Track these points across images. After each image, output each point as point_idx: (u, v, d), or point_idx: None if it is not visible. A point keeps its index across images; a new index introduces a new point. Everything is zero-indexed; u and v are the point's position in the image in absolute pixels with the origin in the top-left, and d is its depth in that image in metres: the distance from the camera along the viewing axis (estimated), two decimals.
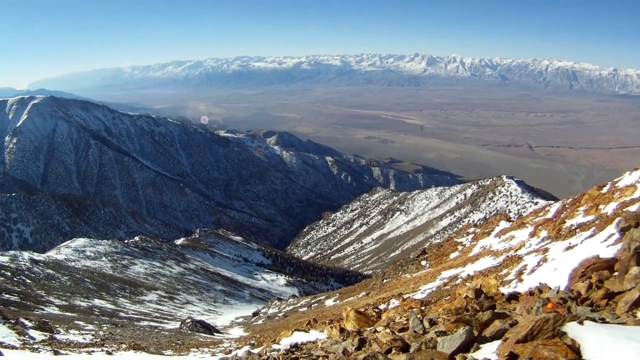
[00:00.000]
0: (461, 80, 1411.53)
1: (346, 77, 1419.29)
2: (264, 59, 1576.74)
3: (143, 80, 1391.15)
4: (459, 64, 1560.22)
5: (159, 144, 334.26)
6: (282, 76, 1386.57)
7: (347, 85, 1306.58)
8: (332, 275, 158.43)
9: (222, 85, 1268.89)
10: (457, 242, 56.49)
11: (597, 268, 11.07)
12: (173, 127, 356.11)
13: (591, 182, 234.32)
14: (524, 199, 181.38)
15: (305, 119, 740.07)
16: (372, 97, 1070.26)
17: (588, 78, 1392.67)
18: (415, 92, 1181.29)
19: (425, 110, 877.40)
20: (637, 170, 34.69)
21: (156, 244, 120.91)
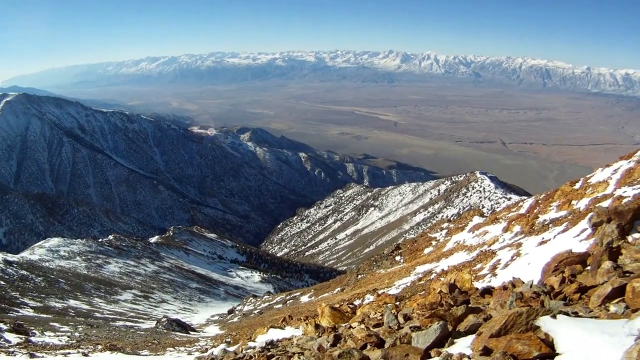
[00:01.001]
0: (435, 77, 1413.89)
1: (320, 74, 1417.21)
2: (238, 55, 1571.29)
3: (117, 77, 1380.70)
4: (433, 61, 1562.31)
5: (133, 141, 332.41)
6: (256, 72, 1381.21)
7: (321, 81, 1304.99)
8: (306, 271, 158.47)
9: (196, 81, 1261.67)
10: (431, 237, 56.62)
11: (569, 262, 11.16)
12: (147, 124, 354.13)
13: (564, 178, 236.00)
14: (497, 194, 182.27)
15: (279, 115, 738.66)
16: (346, 93, 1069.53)
17: (561, 76, 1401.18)
18: (389, 88, 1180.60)
19: (399, 107, 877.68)
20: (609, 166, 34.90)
21: (130, 242, 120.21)
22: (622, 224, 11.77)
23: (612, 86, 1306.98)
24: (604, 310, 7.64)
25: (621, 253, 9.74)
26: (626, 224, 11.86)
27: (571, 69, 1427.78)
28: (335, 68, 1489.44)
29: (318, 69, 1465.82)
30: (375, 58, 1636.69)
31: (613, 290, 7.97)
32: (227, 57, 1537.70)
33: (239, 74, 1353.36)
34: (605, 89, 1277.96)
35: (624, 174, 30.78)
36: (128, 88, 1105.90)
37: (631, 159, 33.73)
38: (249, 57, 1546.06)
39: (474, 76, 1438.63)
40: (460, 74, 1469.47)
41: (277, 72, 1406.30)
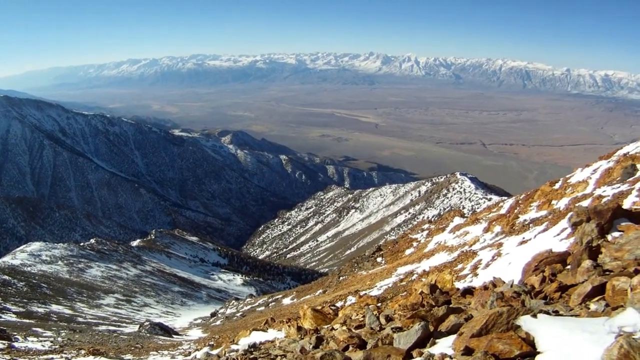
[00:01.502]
0: (416, 79, 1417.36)
1: (301, 76, 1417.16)
2: (220, 57, 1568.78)
3: (98, 79, 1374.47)
4: (414, 63, 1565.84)
5: (114, 144, 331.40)
6: (237, 75, 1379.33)
7: (302, 83, 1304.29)
8: (288, 273, 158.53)
9: (177, 83, 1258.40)
10: (412, 238, 56.73)
11: (550, 262, 11.20)
12: (127, 127, 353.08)
13: (544, 178, 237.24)
14: (478, 195, 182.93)
15: (260, 117, 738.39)
16: (326, 95, 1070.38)
17: (541, 78, 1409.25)
18: (370, 90, 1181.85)
19: (379, 109, 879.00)
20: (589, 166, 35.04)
21: (112, 246, 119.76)
22: (601, 223, 11.82)
23: (592, 87, 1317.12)
24: (585, 309, 7.67)
25: (601, 252, 9.79)
26: (605, 223, 11.91)
27: (551, 70, 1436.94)
28: (316, 70, 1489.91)
29: (299, 71, 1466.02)
30: (356, 60, 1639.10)
31: (593, 288, 8.01)
32: (208, 59, 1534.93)
33: (220, 76, 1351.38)
34: (585, 90, 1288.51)
35: (603, 174, 30.92)
36: (109, 90, 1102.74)
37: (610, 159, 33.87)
38: (230, 59, 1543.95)
39: (454, 78, 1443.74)
40: (440, 75, 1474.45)
41: (258, 75, 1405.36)
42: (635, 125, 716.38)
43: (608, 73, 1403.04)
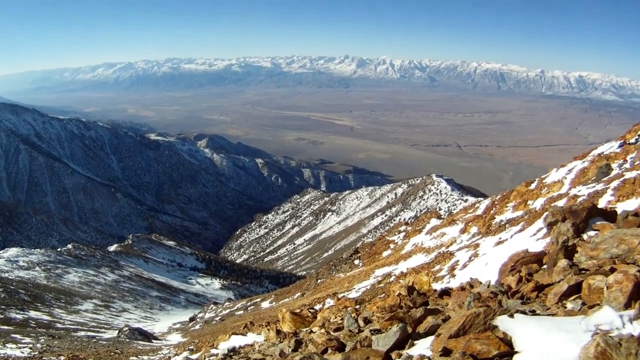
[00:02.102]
0: (391, 82, 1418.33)
1: (276, 79, 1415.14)
2: (195, 60, 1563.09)
3: (74, 83, 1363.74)
4: (389, 65, 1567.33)
5: (90, 149, 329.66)
6: (212, 78, 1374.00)
7: (277, 87, 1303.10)
8: (266, 277, 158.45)
9: (152, 87, 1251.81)
10: (389, 240, 56.81)
11: (526, 262, 11.26)
12: (103, 131, 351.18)
13: (519, 179, 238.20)
14: (454, 196, 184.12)
15: (236, 121, 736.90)
16: (302, 98, 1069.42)
17: (516, 79, 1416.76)
18: (345, 93, 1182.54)
19: (355, 112, 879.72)
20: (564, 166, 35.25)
21: (89, 251, 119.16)
22: (577, 223, 11.90)
23: (566, 88, 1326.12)
24: (561, 308, 7.72)
25: (576, 251, 9.84)
26: (581, 223, 11.98)
27: (525, 72, 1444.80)
28: (292, 74, 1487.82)
29: (274, 75, 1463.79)
30: (331, 63, 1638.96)
31: (569, 287, 8.05)
32: (184, 63, 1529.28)
33: (195, 80, 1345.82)
34: (559, 91, 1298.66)
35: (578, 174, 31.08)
36: (85, 94, 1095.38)
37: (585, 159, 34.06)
38: (206, 63, 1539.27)
39: (429, 80, 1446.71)
40: (415, 78, 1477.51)
41: (233, 78, 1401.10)
42: (609, 126, 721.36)
43: (582, 74, 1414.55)
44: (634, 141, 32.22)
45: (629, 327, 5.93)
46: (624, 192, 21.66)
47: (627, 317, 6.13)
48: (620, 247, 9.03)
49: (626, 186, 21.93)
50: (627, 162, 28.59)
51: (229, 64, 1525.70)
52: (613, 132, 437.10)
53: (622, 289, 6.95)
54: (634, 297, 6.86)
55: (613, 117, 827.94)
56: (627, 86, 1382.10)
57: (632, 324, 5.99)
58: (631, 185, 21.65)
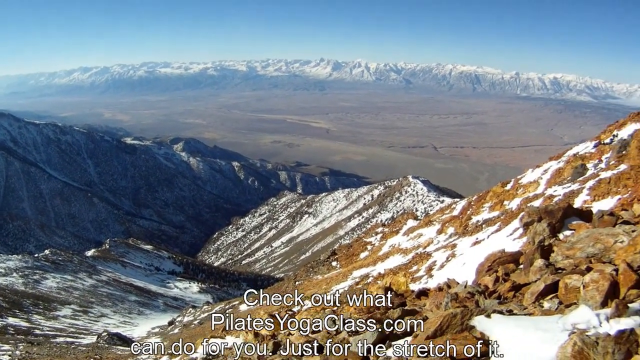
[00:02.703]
0: (366, 85, 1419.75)
1: (252, 82, 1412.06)
2: (170, 64, 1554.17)
3: (49, 87, 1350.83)
4: (364, 68, 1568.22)
5: (66, 153, 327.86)
6: (188, 82, 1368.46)
7: (253, 90, 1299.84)
8: (244, 280, 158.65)
9: (128, 91, 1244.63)
10: (366, 242, 57.04)
11: (503, 262, 11.30)
12: (79, 136, 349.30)
13: (495, 179, 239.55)
14: (430, 197, 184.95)
15: (212, 124, 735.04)
16: (278, 101, 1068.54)
17: (491, 81, 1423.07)
18: (320, 96, 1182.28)
19: (330, 114, 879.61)
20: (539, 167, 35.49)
21: (67, 256, 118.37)
22: (552, 223, 11.95)
23: (541, 90, 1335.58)
24: (538, 307, 7.75)
25: (553, 251, 9.89)
26: (557, 223, 12.04)
27: (500, 74, 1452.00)
28: (267, 77, 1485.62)
29: (250, 78, 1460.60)
30: (307, 66, 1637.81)
31: (546, 287, 8.08)
32: (159, 67, 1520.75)
33: (171, 83, 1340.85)
34: (534, 93, 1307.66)
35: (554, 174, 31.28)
36: (61, 99, 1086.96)
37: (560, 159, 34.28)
38: (181, 66, 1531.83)
39: (404, 83, 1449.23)
40: (391, 81, 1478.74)
41: (209, 82, 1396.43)
42: (584, 126, 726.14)
43: (557, 76, 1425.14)
44: (609, 141, 32.44)
45: (606, 325, 5.95)
46: (599, 192, 21.78)
47: (603, 315, 6.15)
48: (596, 246, 9.08)
49: (602, 186, 22.05)
50: (602, 162, 28.78)
51: (205, 67, 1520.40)
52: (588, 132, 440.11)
53: (598, 287, 6.99)
54: (611, 295, 6.90)
55: (588, 117, 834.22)
56: (602, 87, 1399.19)
57: (609, 322, 6.01)
58: (606, 184, 21.76)
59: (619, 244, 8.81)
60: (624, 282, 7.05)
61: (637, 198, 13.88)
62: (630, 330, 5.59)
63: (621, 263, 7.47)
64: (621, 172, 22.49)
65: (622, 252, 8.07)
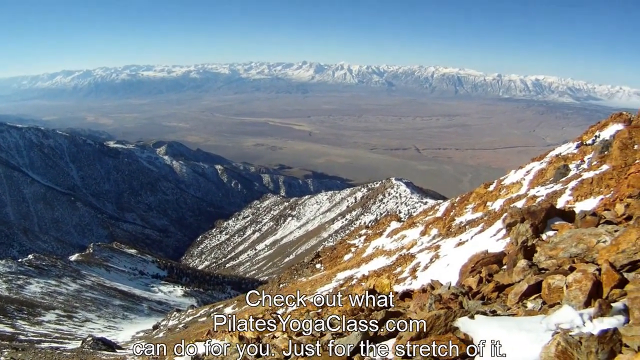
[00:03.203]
0: (349, 87, 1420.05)
1: (235, 86, 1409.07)
2: (153, 67, 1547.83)
3: (32, 91, 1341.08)
4: (347, 71, 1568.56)
5: (49, 157, 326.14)
6: (171, 85, 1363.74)
7: (235, 93, 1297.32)
8: (228, 283, 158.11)
9: (111, 95, 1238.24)
10: (350, 244, 57.11)
11: (486, 262, 11.34)
12: (62, 139, 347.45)
13: (478, 181, 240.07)
14: (414, 199, 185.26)
15: (195, 128, 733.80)
16: (260, 104, 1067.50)
17: (473, 83, 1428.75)
18: (303, 99, 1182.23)
19: (313, 117, 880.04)
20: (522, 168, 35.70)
21: (50, 261, 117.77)
22: (535, 223, 12.01)
23: (523, 92, 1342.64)
24: (522, 308, 7.79)
25: (536, 251, 9.93)
26: (539, 223, 12.09)
27: (482, 76, 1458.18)
28: (250, 80, 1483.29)
29: (232, 81, 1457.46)
30: (289, 69, 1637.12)
31: (529, 287, 8.12)
32: (142, 70, 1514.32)
33: (154, 87, 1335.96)
34: (516, 94, 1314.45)
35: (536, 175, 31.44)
36: (43, 103, 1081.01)
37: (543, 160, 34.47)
38: (164, 69, 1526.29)
39: (387, 85, 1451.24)
40: (373, 83, 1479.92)
41: (191, 85, 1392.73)
42: (567, 127, 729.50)
43: (539, 78, 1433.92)
44: (591, 142, 32.63)
45: (589, 325, 5.99)
46: (582, 192, 21.88)
47: (587, 315, 6.18)
48: (579, 246, 9.12)
49: (584, 186, 22.15)
50: (585, 162, 28.95)
51: (187, 70, 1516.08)
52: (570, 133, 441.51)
53: (581, 287, 7.02)
54: (594, 295, 6.93)
55: (570, 119, 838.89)
56: (583, 89, 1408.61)
57: (592, 322, 6.05)
58: (589, 185, 21.86)
59: (602, 243, 8.85)
60: (606, 282, 7.09)
61: (619, 198, 13.95)
62: (614, 330, 5.62)
63: (604, 263, 7.51)
64: (603, 172, 22.61)
65: (605, 252, 8.11)
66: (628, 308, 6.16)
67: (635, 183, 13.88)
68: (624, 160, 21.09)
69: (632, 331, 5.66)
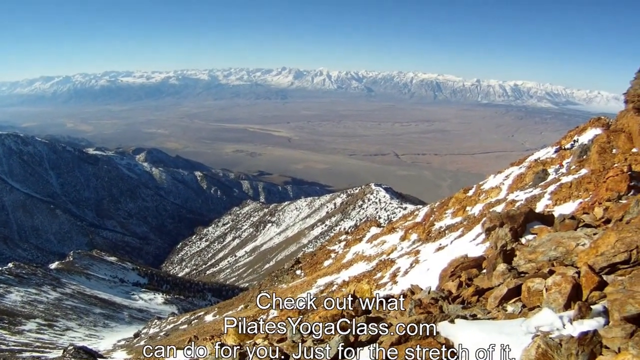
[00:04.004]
0: (328, 93, 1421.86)
1: (214, 92, 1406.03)
2: (132, 73, 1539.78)
3: (11, 97, 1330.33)
4: (326, 77, 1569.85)
5: (28, 164, 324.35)
6: (150, 91, 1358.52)
7: (215, 99, 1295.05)
8: (209, 290, 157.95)
9: (90, 101, 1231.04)
10: (330, 250, 57.11)
11: (466, 267, 11.38)
12: (42, 146, 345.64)
13: (457, 186, 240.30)
14: (393, 205, 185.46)
15: (174, 134, 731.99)
16: (239, 110, 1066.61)
17: (452, 89, 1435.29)
18: (282, 105, 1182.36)
19: (292, 123, 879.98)
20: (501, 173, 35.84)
21: (30, 269, 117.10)
22: (514, 227, 12.06)
23: (502, 97, 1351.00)
24: (502, 311, 7.82)
25: (515, 255, 9.98)
26: (518, 227, 12.15)
27: (461, 81, 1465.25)
28: (229, 86, 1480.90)
29: (212, 87, 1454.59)
30: (268, 75, 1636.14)
31: (509, 291, 8.15)
32: (121, 76, 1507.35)
33: (133, 93, 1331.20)
34: (495, 99, 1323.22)
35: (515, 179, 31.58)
36: (22, 109, 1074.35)
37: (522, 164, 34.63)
38: (143, 76, 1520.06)
39: (366, 91, 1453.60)
40: (352, 89, 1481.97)
41: (171, 91, 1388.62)
42: (545, 132, 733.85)
43: (517, 83, 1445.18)
44: (570, 146, 32.80)
45: (569, 327, 6.02)
46: (561, 196, 22.00)
47: (566, 317, 6.22)
48: (558, 249, 9.17)
49: (563, 190, 22.27)
50: (564, 166, 29.11)
51: (167, 76, 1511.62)
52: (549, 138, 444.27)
53: (561, 290, 7.06)
54: (573, 298, 6.96)
55: (548, 123, 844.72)
56: (562, 94, 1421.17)
57: (572, 324, 6.08)
58: (568, 189, 21.98)
59: (581, 246, 8.90)
60: (586, 285, 7.12)
61: (598, 201, 14.05)
62: (594, 332, 5.66)
63: (583, 266, 7.55)
64: (582, 176, 22.75)
65: (584, 255, 8.15)
66: (608, 310, 6.21)
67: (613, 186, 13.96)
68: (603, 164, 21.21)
69: (612, 332, 5.70)
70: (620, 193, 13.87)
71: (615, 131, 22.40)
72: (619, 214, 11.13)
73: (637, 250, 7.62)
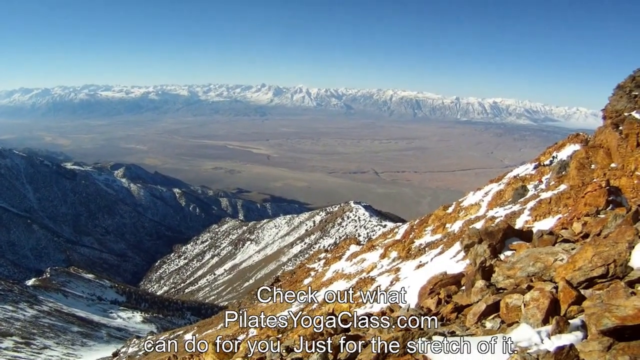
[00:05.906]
0: (307, 110, 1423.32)
1: (193, 108, 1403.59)
2: (112, 88, 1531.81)
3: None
4: (305, 94, 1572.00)
5: (5, 178, 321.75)
6: (129, 106, 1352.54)
7: (194, 115, 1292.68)
8: (188, 308, 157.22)
9: (69, 114, 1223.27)
10: (309, 268, 57.08)
11: (445, 284, 11.41)
12: (19, 160, 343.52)
13: (437, 203, 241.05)
14: (373, 222, 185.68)
15: (153, 150, 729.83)
16: (219, 127, 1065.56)
17: (431, 106, 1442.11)
18: (261, 122, 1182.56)
19: (271, 140, 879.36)
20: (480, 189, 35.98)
21: (7, 285, 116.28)
22: (493, 244, 12.12)
23: (481, 114, 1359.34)
24: (481, 327, 7.84)
25: (494, 271, 10.02)
26: (497, 243, 12.21)
27: (440, 99, 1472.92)
28: (209, 102, 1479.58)
29: (191, 103, 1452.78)
30: (248, 92, 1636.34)
31: (488, 307, 8.17)
32: (101, 90, 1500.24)
33: (112, 107, 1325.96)
34: (474, 117, 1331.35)
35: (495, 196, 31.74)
36: (0, 120, 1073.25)
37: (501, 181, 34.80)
38: (123, 90, 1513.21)
39: (345, 108, 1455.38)
40: (332, 106, 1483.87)
41: (150, 106, 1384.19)
42: (524, 149, 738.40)
43: (496, 100, 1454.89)
44: (549, 163, 33.03)
45: (547, 342, 6.05)
46: (540, 212, 22.14)
47: (545, 333, 6.25)
48: (536, 265, 9.22)
49: (542, 206, 22.42)
50: (543, 183, 29.33)
51: (146, 91, 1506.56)
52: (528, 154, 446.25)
53: (539, 305, 7.09)
54: (551, 313, 6.99)
55: (527, 140, 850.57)
56: (541, 110, 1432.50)
57: (550, 339, 6.11)
58: (547, 204, 22.13)
59: (559, 262, 8.95)
60: (564, 299, 7.16)
61: (576, 217, 14.15)
62: (570, 346, 5.68)
63: (561, 281, 7.59)
64: (561, 192, 22.91)
65: (562, 270, 8.20)
66: (585, 324, 6.24)
67: (592, 202, 14.05)
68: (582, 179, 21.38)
69: (590, 346, 5.73)
70: (599, 208, 13.98)
71: (594, 147, 22.61)
72: (597, 228, 11.21)
73: (614, 264, 7.68)
